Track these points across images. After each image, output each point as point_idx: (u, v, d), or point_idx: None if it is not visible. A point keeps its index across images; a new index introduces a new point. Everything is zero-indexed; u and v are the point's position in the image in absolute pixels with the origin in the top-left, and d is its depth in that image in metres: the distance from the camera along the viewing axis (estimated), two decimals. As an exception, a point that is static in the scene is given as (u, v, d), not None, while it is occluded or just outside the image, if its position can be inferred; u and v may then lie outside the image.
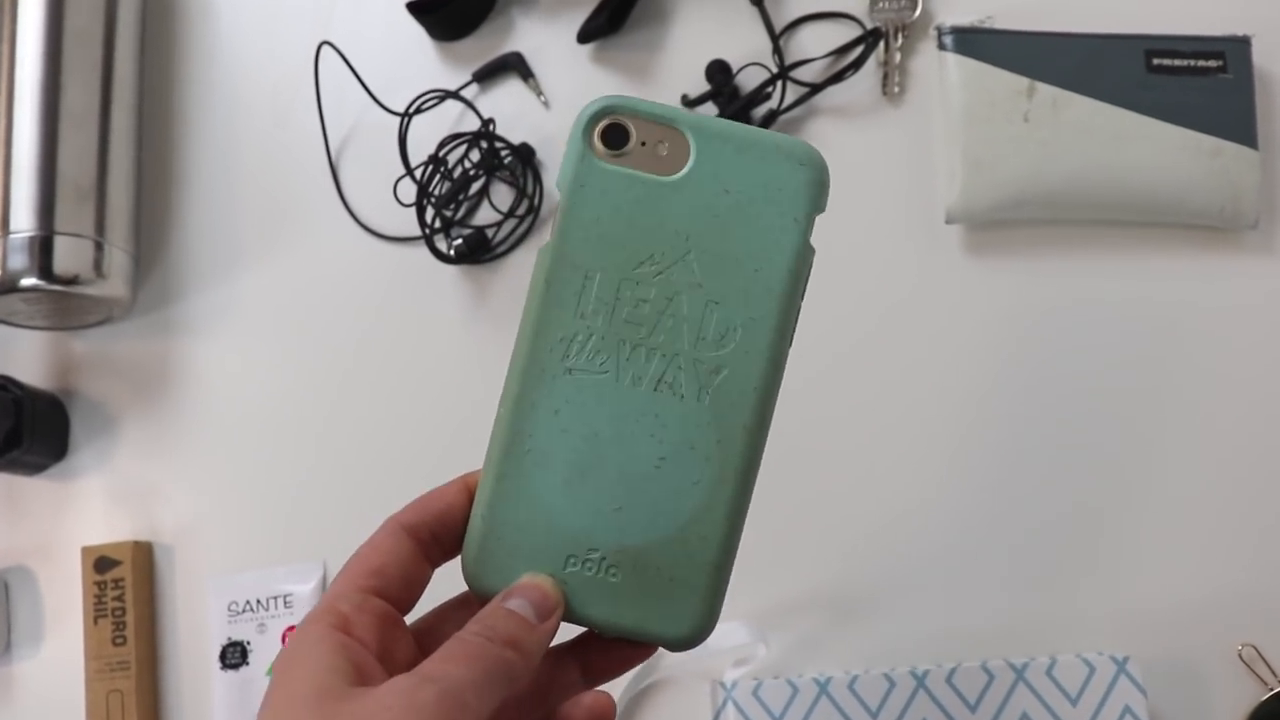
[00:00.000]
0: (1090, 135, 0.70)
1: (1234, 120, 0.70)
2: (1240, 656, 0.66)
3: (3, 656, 0.74)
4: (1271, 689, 0.65)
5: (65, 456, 0.77)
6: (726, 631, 0.67)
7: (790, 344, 0.45)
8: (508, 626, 0.41)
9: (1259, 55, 0.72)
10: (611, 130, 0.45)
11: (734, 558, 0.45)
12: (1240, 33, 0.72)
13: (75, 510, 0.76)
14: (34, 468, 0.76)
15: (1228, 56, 0.71)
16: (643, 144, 0.45)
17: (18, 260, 0.71)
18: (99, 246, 0.73)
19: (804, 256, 0.45)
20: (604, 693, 0.45)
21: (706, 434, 0.45)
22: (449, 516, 0.44)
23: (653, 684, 0.69)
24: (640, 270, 0.45)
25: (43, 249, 0.72)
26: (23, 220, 0.72)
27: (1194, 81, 0.71)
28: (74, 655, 0.73)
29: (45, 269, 0.71)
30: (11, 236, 0.71)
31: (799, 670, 0.67)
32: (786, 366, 0.45)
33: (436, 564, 0.45)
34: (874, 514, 0.70)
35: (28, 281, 0.71)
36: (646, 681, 0.69)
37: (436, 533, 0.44)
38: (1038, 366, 0.71)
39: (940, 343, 0.72)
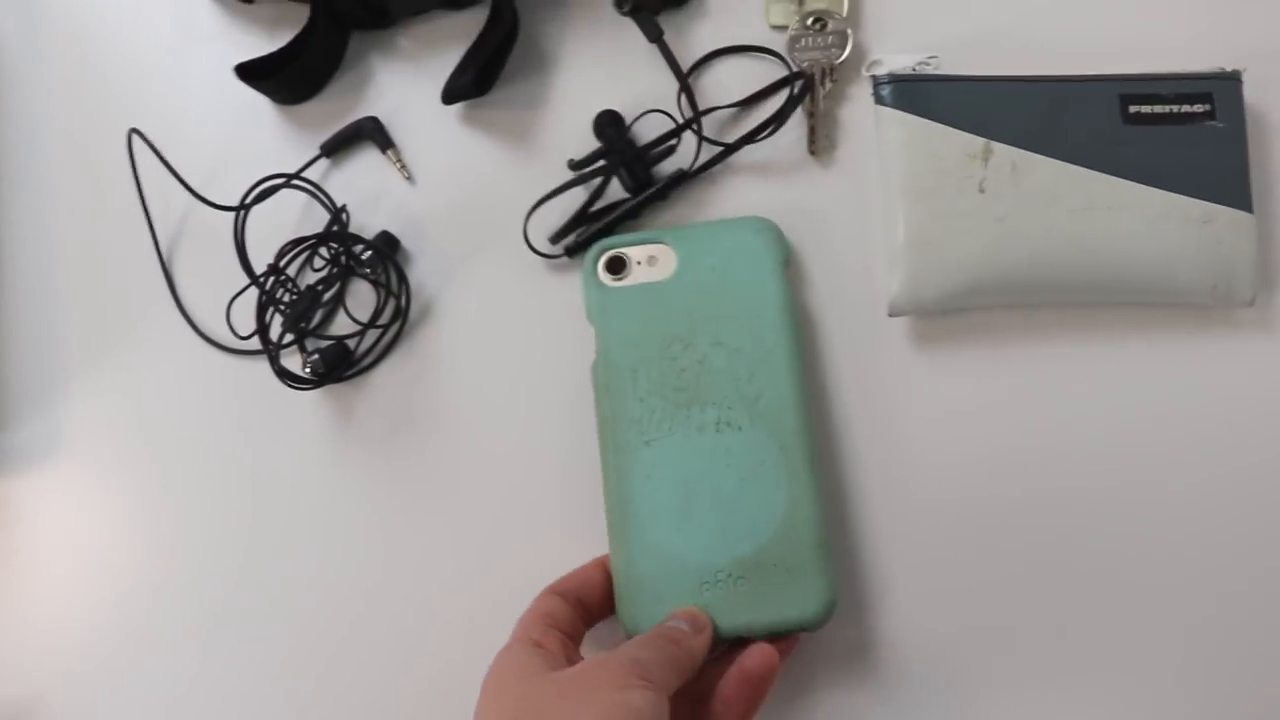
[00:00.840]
0: (1058, 206, 0.59)
1: (1226, 178, 0.59)
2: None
3: None
4: None
5: None
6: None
7: (802, 361, 0.58)
8: (672, 633, 0.52)
9: (1251, 92, 0.60)
10: (612, 261, 0.60)
11: (829, 535, 0.56)
12: (1229, 67, 0.60)
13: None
14: None
15: (1215, 99, 0.60)
16: (638, 263, 0.60)
17: None
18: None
19: (788, 294, 0.59)
20: (766, 644, 0.53)
21: (768, 447, 0.57)
22: (590, 585, 0.55)
23: None
24: (671, 349, 0.59)
25: None
26: None
27: (1178, 132, 0.59)
28: None
29: None
30: None
31: None
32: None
33: (587, 625, 0.55)
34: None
35: None
36: None
37: (582, 597, 0.55)
38: (1004, 472, 0.60)
39: (889, 454, 0.61)
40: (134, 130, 0.64)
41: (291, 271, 0.64)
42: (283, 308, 0.63)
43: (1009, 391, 0.61)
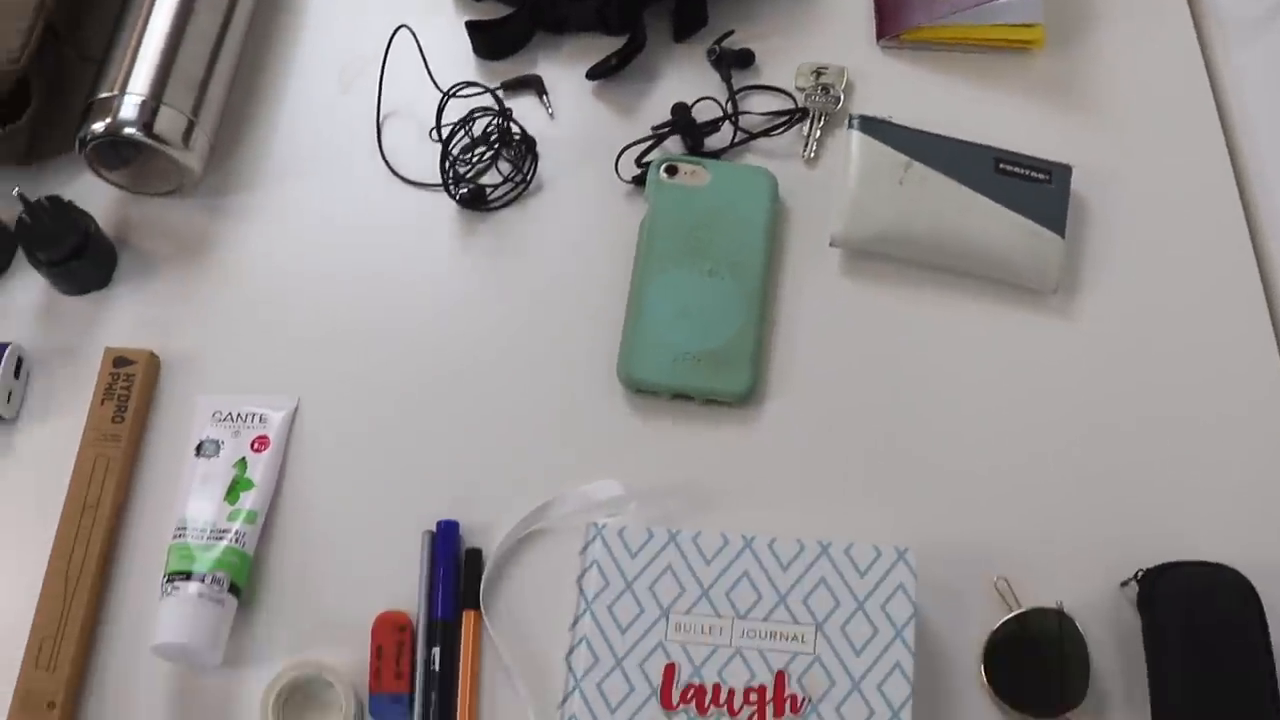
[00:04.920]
0: (945, 204, 0.94)
1: (1051, 215, 0.95)
2: (995, 586, 0.84)
3: (11, 424, 0.90)
4: (1013, 612, 0.83)
5: (107, 286, 0.95)
6: (603, 487, 0.86)
7: (770, 253, 0.94)
8: None
9: (1076, 182, 0.98)
10: (670, 168, 0.95)
11: (763, 350, 0.91)
12: (1066, 162, 0.98)
13: (104, 326, 0.93)
14: (79, 287, 0.94)
15: (1053, 175, 0.97)
16: (686, 173, 0.95)
17: (128, 113, 0.92)
18: (192, 124, 0.94)
19: (773, 215, 0.95)
20: None
21: (735, 291, 0.91)
22: None
23: (535, 532, 0.86)
24: (692, 224, 0.93)
25: (151, 111, 0.92)
26: (140, 86, 0.93)
27: (1027, 185, 0.96)
28: (73, 432, 0.88)
29: (148, 125, 0.92)
30: (128, 96, 0.93)
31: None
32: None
33: None
34: (733, 466, 0.90)
35: (130, 131, 0.92)
36: (530, 528, 0.86)
37: None
38: (887, 371, 0.92)
39: (814, 344, 0.94)
40: (404, 25, 1.02)
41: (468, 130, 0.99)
42: (454, 156, 0.97)
43: (892, 315, 0.95)
